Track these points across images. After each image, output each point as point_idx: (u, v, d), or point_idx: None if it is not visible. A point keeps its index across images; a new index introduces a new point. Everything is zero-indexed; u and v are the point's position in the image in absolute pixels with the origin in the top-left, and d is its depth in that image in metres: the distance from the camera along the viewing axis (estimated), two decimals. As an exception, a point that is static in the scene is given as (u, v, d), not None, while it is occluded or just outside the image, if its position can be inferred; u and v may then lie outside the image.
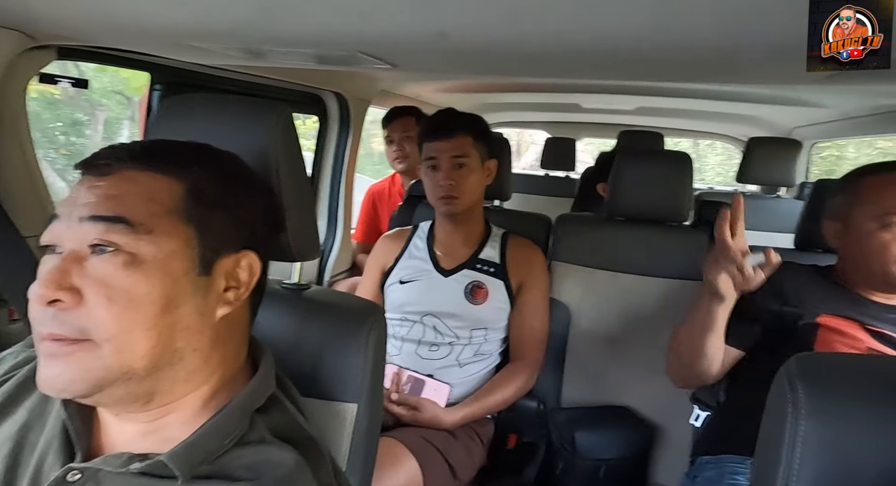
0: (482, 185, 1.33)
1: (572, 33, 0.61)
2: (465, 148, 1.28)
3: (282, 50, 0.96)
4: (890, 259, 1.01)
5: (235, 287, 0.56)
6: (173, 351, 0.52)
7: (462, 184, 1.27)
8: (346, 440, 0.71)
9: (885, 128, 2.07)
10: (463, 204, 1.30)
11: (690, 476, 1.12)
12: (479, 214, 1.39)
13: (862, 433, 0.44)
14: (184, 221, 0.52)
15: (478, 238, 1.38)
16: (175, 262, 0.51)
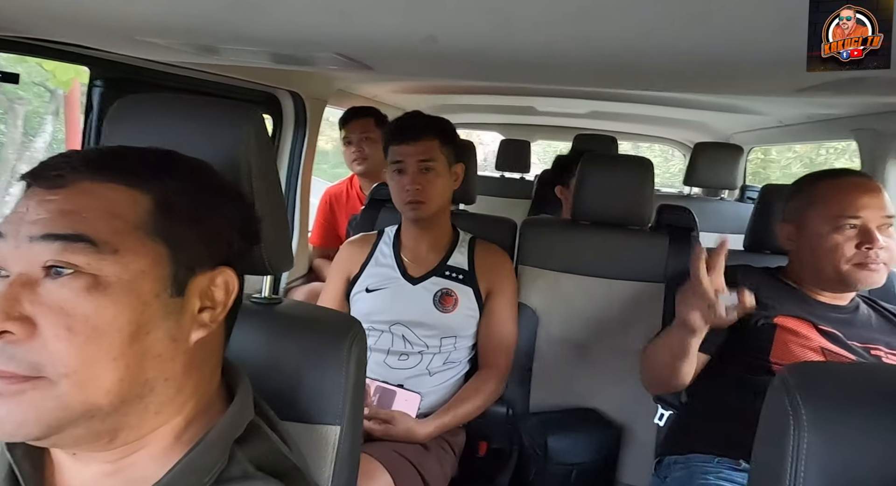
0: (449, 189, 1.31)
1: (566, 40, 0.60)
2: (432, 152, 1.25)
3: (244, 48, 0.90)
4: (842, 259, 1.07)
5: (211, 307, 0.51)
6: (143, 382, 0.46)
7: (429, 188, 1.25)
8: (329, 464, 0.67)
9: (815, 135, 2.23)
10: (430, 209, 1.28)
11: (661, 477, 1.15)
12: (445, 218, 1.37)
13: (864, 443, 0.45)
14: (152, 237, 0.47)
15: (445, 244, 1.36)
16: (144, 283, 0.46)
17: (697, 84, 1.13)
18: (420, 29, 0.61)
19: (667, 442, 1.20)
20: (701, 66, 0.74)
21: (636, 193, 1.46)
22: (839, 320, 1.13)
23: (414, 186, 1.25)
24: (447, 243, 1.36)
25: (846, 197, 1.08)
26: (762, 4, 0.49)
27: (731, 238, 1.97)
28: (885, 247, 1.06)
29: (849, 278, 1.08)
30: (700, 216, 2.04)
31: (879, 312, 1.18)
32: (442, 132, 1.28)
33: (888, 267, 1.09)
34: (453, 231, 1.39)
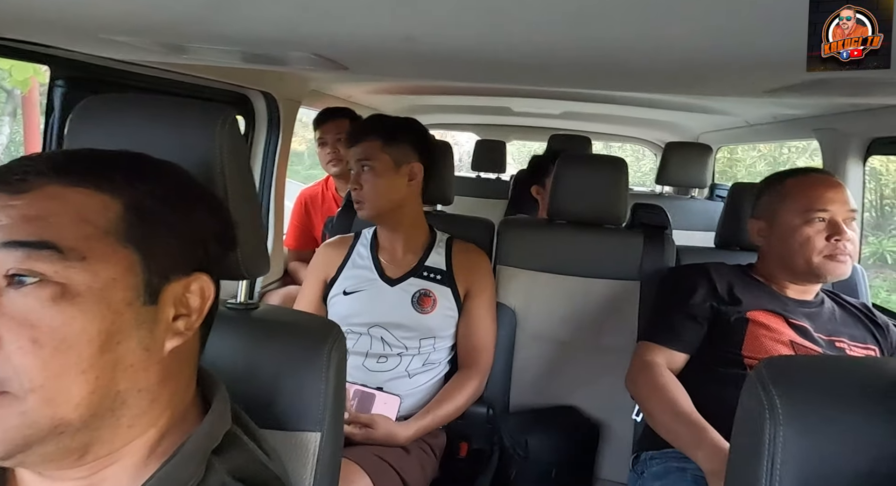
0: (397, 189, 1.28)
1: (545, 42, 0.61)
2: (370, 152, 1.25)
3: (216, 48, 0.88)
4: (813, 251, 1.12)
5: (186, 315, 0.49)
6: (115, 395, 0.44)
7: (366, 188, 1.25)
8: (310, 471, 0.66)
9: (780, 135, 2.31)
10: (371, 208, 1.27)
11: (638, 472, 1.17)
12: (414, 218, 1.35)
13: (838, 435, 0.47)
14: (123, 243, 0.45)
15: (422, 244, 1.35)
16: (115, 291, 0.44)
17: (668, 85, 1.15)
18: (398, 29, 0.60)
19: (644, 438, 1.22)
20: (671, 69, 0.75)
21: (611, 193, 1.48)
22: (807, 313, 1.17)
23: (353, 185, 1.27)
24: (424, 244, 1.35)
25: (814, 192, 1.13)
26: (730, 10, 0.50)
27: (701, 235, 2.03)
28: (850, 239, 1.11)
29: (820, 270, 1.12)
30: (671, 214, 2.09)
31: (842, 305, 1.22)
32: (385, 132, 1.26)
33: (853, 259, 1.13)
34: (430, 232, 1.38)
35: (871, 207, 6.12)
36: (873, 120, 1.56)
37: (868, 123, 1.59)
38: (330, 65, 0.89)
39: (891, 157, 5.22)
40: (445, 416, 1.25)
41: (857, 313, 1.21)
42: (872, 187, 5.91)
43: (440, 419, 1.24)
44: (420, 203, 1.37)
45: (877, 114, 1.53)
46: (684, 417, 1.01)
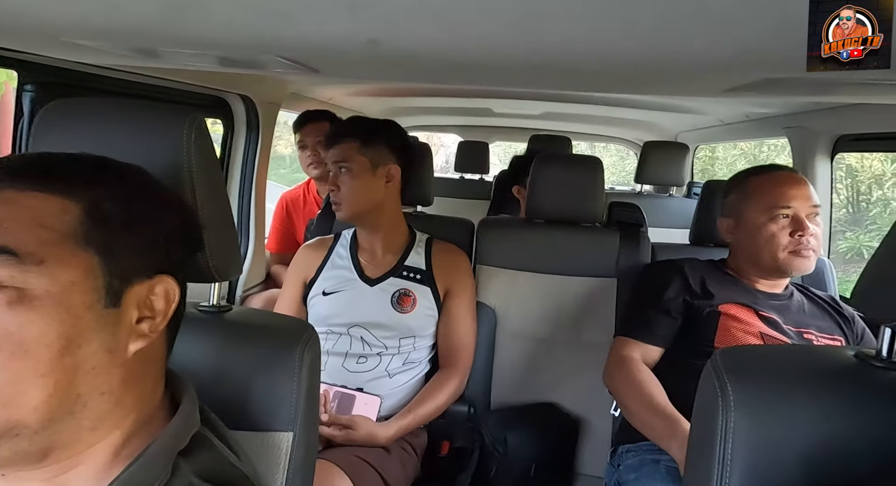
0: (375, 190, 1.28)
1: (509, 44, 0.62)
2: (347, 153, 1.26)
3: (185, 51, 0.88)
4: (778, 247, 1.15)
5: (150, 317, 0.49)
6: (75, 398, 0.45)
7: (344, 189, 1.26)
8: (282, 471, 0.67)
9: (754, 133, 2.36)
10: (348, 209, 1.28)
11: (614, 465, 1.19)
12: (393, 219, 1.35)
13: (783, 420, 0.49)
14: (83, 247, 0.45)
15: (402, 244, 1.36)
16: (74, 295, 0.44)
17: (630, 85, 1.18)
18: (361, 32, 0.61)
19: (621, 431, 1.25)
20: (631, 68, 0.77)
21: (587, 191, 1.50)
22: (776, 306, 1.20)
23: (330, 187, 1.28)
24: (403, 244, 1.36)
25: (777, 189, 1.16)
26: (685, 11, 0.52)
27: (680, 233, 2.06)
28: (814, 234, 1.14)
29: (784, 266, 1.15)
30: (650, 212, 2.12)
31: (811, 298, 1.26)
32: (362, 134, 1.27)
33: (817, 254, 1.17)
34: (410, 232, 1.39)
35: (849, 203, 6.25)
36: (839, 118, 1.61)
37: (834, 121, 1.64)
38: (300, 68, 0.90)
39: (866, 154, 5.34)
40: (426, 415, 1.26)
41: (825, 306, 1.24)
42: (849, 184, 6.04)
43: (421, 419, 1.25)
44: (399, 204, 1.37)
45: (842, 112, 1.57)
46: (659, 410, 1.03)
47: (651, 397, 1.07)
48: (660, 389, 1.09)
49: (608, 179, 7.12)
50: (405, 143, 1.36)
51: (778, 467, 0.49)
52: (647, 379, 1.11)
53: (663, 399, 1.05)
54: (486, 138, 3.61)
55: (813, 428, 0.49)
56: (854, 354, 0.55)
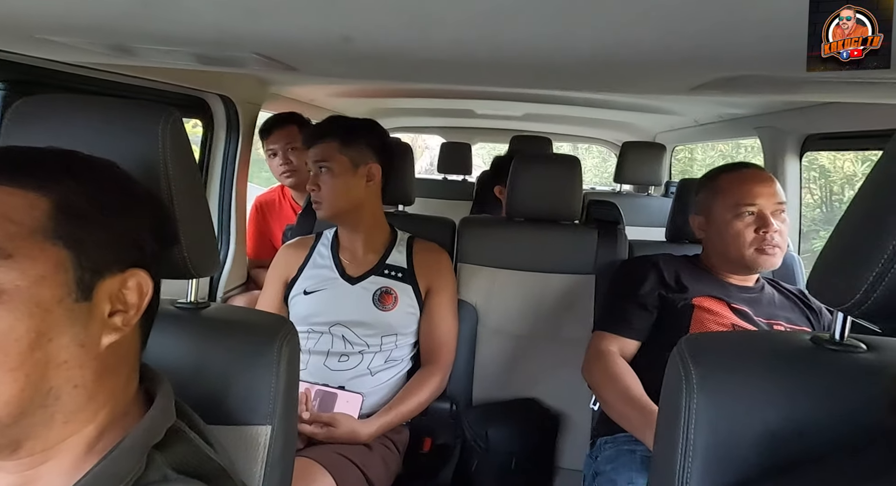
0: (356, 189, 1.29)
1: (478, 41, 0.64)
2: (328, 153, 1.27)
3: (159, 48, 0.88)
4: (744, 244, 1.18)
5: (123, 311, 0.50)
6: (47, 391, 0.45)
7: (324, 189, 1.27)
8: (260, 464, 0.67)
9: (727, 133, 2.41)
10: (329, 208, 1.28)
11: (592, 457, 1.21)
12: (373, 218, 1.36)
13: (742, 402, 0.51)
14: (52, 241, 0.45)
15: (383, 243, 1.37)
16: (44, 289, 0.44)
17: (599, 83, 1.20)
18: (334, 29, 0.62)
19: (600, 424, 1.27)
20: (598, 67, 0.80)
21: (566, 190, 1.53)
22: (748, 299, 1.24)
23: (311, 186, 1.28)
24: (384, 243, 1.37)
25: (743, 187, 1.19)
26: (646, 11, 0.54)
27: (658, 231, 2.10)
28: (779, 231, 1.18)
29: (751, 262, 1.19)
30: (629, 211, 2.15)
31: (781, 291, 1.30)
32: (342, 134, 1.28)
33: (783, 250, 1.21)
34: (391, 231, 1.40)
35: (822, 203, 6.40)
36: (807, 118, 1.66)
37: (802, 120, 1.69)
38: (276, 65, 0.90)
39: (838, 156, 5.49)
40: (408, 412, 1.27)
41: (794, 298, 1.28)
42: (822, 184, 6.19)
43: (403, 416, 1.26)
44: (379, 203, 1.38)
45: (810, 112, 1.62)
46: (635, 401, 1.06)
47: (627, 388, 1.09)
48: (636, 381, 1.12)
49: (591, 181, 7.21)
50: (385, 142, 1.36)
51: (738, 447, 0.51)
52: (623, 372, 1.14)
53: (639, 391, 1.08)
54: (468, 140, 3.63)
55: (771, 409, 0.51)
56: (810, 338, 0.57)
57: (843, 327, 0.55)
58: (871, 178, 0.49)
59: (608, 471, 1.09)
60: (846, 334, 0.56)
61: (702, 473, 0.52)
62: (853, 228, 0.50)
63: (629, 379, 1.12)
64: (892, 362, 0.39)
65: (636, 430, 1.03)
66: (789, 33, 0.54)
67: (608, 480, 1.07)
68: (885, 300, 0.46)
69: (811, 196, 5.86)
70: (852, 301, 0.47)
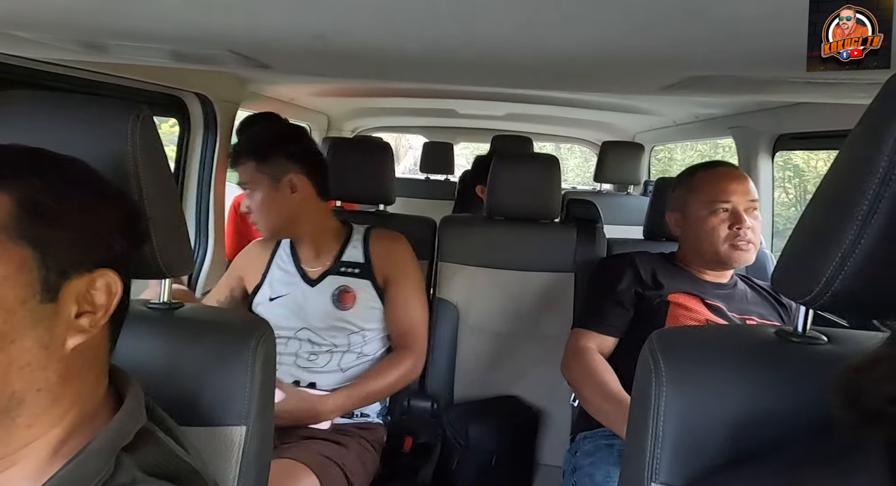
0: (283, 204, 1.24)
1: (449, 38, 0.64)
2: (247, 174, 1.25)
3: (131, 45, 0.86)
4: (718, 240, 1.21)
5: (91, 312, 0.49)
6: (10, 395, 0.44)
7: (254, 209, 1.25)
8: (234, 465, 0.66)
9: (703, 133, 2.46)
10: (265, 228, 1.26)
11: (572, 452, 1.23)
12: (316, 224, 1.31)
13: (709, 393, 0.53)
14: (15, 241, 0.44)
15: (336, 242, 1.33)
16: (6, 290, 0.43)
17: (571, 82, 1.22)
18: (307, 26, 0.62)
19: (579, 420, 1.28)
20: (569, 66, 0.81)
21: (545, 189, 1.54)
22: (722, 295, 1.26)
23: (242, 210, 1.27)
24: (338, 241, 1.34)
25: (718, 184, 1.22)
26: (617, 11, 0.55)
27: (637, 229, 2.14)
28: (751, 227, 1.21)
29: (725, 257, 1.22)
30: (608, 210, 2.18)
31: (754, 288, 1.33)
32: (258, 152, 1.24)
33: (756, 246, 1.23)
34: (345, 227, 1.36)
35: (797, 202, 6.56)
36: (778, 118, 1.70)
37: (774, 120, 1.73)
38: (251, 63, 0.89)
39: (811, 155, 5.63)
40: (375, 392, 1.24)
41: (766, 294, 1.31)
42: (797, 184, 6.34)
43: (368, 394, 1.23)
44: (319, 207, 1.31)
45: (781, 113, 1.66)
46: (612, 396, 1.07)
47: (604, 384, 1.10)
48: (613, 376, 1.13)
49: (573, 181, 7.28)
50: (304, 146, 1.30)
51: (705, 437, 0.52)
52: (601, 368, 1.15)
53: (616, 386, 1.09)
54: (450, 139, 3.64)
55: (736, 399, 0.53)
56: (775, 331, 0.59)
57: (805, 320, 0.57)
58: (829, 174, 0.50)
59: (586, 465, 1.11)
60: (808, 326, 0.57)
61: (670, 463, 0.53)
62: (813, 224, 0.51)
63: (606, 375, 1.14)
64: (851, 353, 0.41)
65: (613, 424, 1.05)
66: (753, 35, 0.56)
67: (586, 474, 1.08)
68: (844, 293, 0.47)
69: (786, 195, 6.00)
70: (813, 294, 0.49)
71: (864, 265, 0.44)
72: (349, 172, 1.57)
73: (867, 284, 0.45)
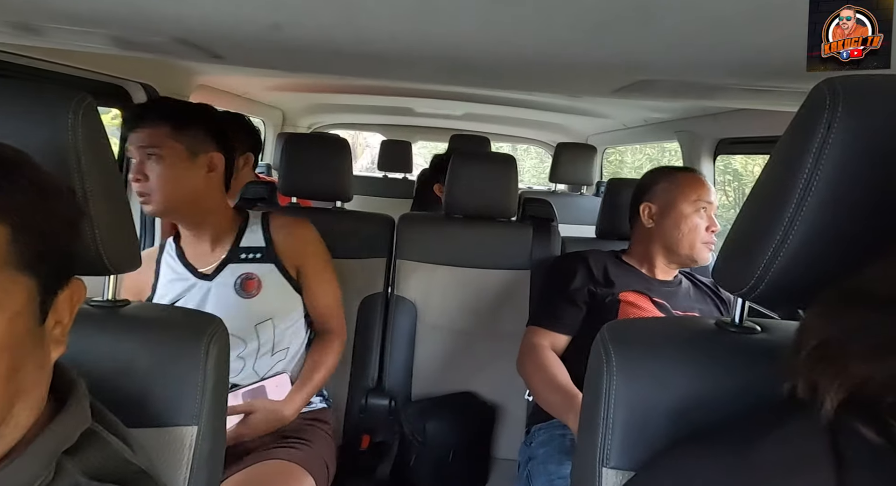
0: (193, 180, 1.10)
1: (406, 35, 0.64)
2: (157, 138, 1.06)
3: (69, 28, 0.81)
4: (697, 239, 1.27)
5: (60, 321, 0.48)
6: (9, 420, 0.44)
7: (154, 179, 1.06)
8: (185, 466, 0.64)
9: (652, 136, 2.57)
10: (161, 202, 1.08)
11: (527, 444, 1.26)
12: (218, 212, 1.19)
13: (655, 381, 0.56)
14: (21, 271, 0.42)
15: (232, 231, 1.21)
16: (18, 325, 0.41)
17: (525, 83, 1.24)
18: (263, 15, 0.60)
19: (534, 414, 1.32)
20: (522, 66, 0.83)
21: (502, 188, 1.57)
22: (667, 292, 1.33)
23: (135, 177, 1.07)
24: (234, 230, 1.22)
25: (701, 187, 1.30)
26: (572, 15, 0.57)
27: (590, 228, 2.21)
28: (716, 231, 1.28)
29: (697, 255, 1.29)
30: (563, 210, 2.23)
31: (696, 284, 1.40)
32: (176, 117, 1.08)
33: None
34: (241, 214, 1.25)
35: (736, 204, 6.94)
36: (719, 123, 1.80)
37: (715, 125, 1.83)
38: (200, 53, 0.86)
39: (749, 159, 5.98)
40: (321, 381, 1.23)
41: (707, 291, 1.39)
42: (736, 187, 6.72)
43: (317, 386, 1.22)
44: (223, 196, 1.19)
45: (722, 118, 1.76)
46: (560, 388, 1.11)
47: (553, 377, 1.14)
48: (562, 370, 1.17)
49: (529, 181, 7.42)
50: (224, 129, 1.18)
51: (652, 422, 0.55)
52: (551, 362, 1.19)
53: (564, 379, 1.13)
54: (409, 138, 3.64)
55: (680, 386, 0.56)
56: (714, 322, 0.63)
57: (741, 312, 0.61)
58: (762, 177, 0.54)
59: (540, 455, 1.14)
60: (744, 317, 0.61)
61: (620, 448, 0.55)
62: (748, 223, 0.55)
63: (556, 369, 1.17)
64: (782, 341, 0.45)
65: (560, 414, 1.08)
66: (695, 43, 0.59)
67: (540, 463, 1.11)
68: (776, 285, 0.51)
69: (726, 198, 6.34)
70: (748, 286, 0.52)
71: (792, 260, 0.48)
72: (306, 169, 1.54)
73: (794, 276, 0.49)
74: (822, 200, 0.46)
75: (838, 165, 0.45)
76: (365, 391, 1.44)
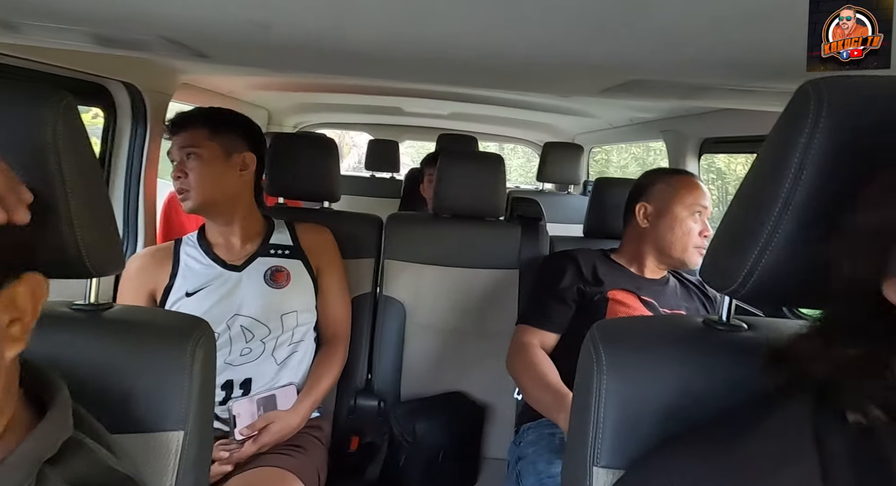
0: (228, 178, 1.21)
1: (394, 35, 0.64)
2: (196, 139, 1.18)
3: (49, 26, 0.80)
4: (691, 242, 1.28)
5: (19, 319, 0.46)
6: None
7: (193, 176, 1.17)
8: (171, 472, 0.63)
9: (638, 136, 2.59)
10: (199, 197, 1.18)
11: (516, 443, 1.26)
12: (247, 211, 1.28)
13: (645, 379, 0.56)
14: None
15: (260, 232, 1.30)
16: None
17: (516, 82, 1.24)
18: (251, 14, 0.59)
19: (523, 412, 1.32)
20: (515, 66, 0.83)
21: (490, 187, 1.57)
22: (655, 291, 1.34)
23: (177, 173, 1.18)
24: (262, 231, 1.31)
25: (697, 192, 1.30)
26: (562, 15, 0.57)
27: (577, 227, 2.23)
28: (708, 235, 1.29)
29: (688, 259, 1.29)
30: (550, 209, 2.24)
31: (683, 283, 1.41)
32: (212, 121, 1.20)
33: None
34: (268, 221, 1.34)
35: (720, 202, 7.04)
36: (704, 123, 1.82)
37: (700, 125, 1.85)
38: (185, 51, 0.85)
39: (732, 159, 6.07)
40: (325, 391, 1.28)
41: (693, 289, 1.40)
42: (719, 185, 6.81)
43: (321, 395, 1.27)
44: (252, 195, 1.29)
45: (706, 117, 1.78)
46: (550, 387, 1.11)
47: (543, 375, 1.14)
48: (552, 368, 1.17)
49: (517, 180, 7.46)
50: (257, 132, 1.29)
51: (642, 419, 0.55)
52: (541, 361, 1.19)
53: (554, 377, 1.14)
54: (396, 137, 3.63)
55: (669, 384, 0.56)
56: (702, 320, 0.64)
57: (728, 310, 0.62)
58: (748, 176, 0.54)
59: (529, 454, 1.14)
60: (732, 315, 0.62)
61: (611, 447, 0.56)
62: (735, 222, 0.55)
63: (545, 367, 1.18)
64: (768, 338, 0.45)
65: (550, 412, 1.09)
66: (686, 43, 0.60)
67: (529, 462, 1.12)
68: (762, 284, 0.51)
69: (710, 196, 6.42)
70: (735, 285, 0.53)
71: (777, 259, 0.49)
72: (293, 169, 1.53)
73: (780, 275, 0.50)
74: (807, 199, 0.46)
75: (823, 165, 0.45)
76: (354, 392, 1.43)
